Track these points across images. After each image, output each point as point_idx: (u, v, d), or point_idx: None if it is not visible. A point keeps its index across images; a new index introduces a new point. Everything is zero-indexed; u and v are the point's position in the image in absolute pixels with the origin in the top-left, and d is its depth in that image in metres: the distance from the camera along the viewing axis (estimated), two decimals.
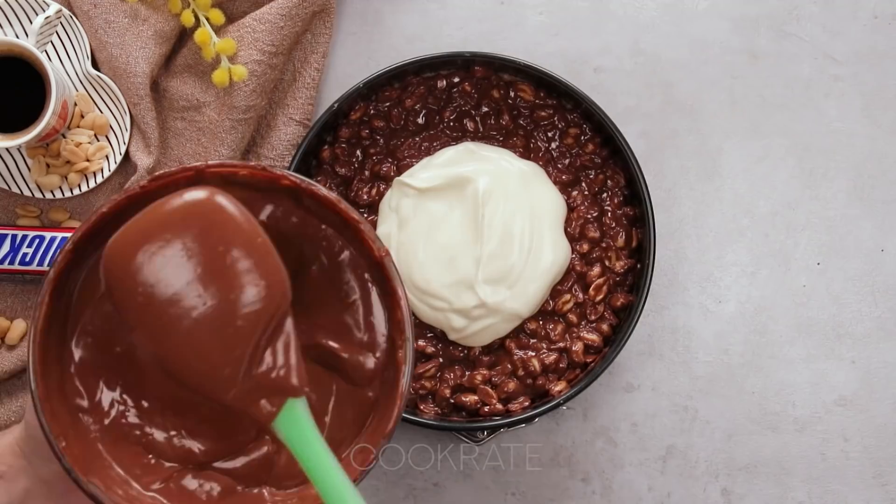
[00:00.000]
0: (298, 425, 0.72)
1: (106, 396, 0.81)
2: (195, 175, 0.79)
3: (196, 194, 0.72)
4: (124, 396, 0.81)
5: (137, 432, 0.81)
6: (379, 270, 0.82)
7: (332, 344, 0.83)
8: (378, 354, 0.83)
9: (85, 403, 0.80)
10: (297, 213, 0.83)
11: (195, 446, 0.82)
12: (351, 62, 1.07)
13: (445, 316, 0.97)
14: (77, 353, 0.80)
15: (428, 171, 0.98)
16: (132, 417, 0.81)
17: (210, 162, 0.79)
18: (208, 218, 0.72)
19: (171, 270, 0.70)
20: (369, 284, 0.84)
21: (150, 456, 0.81)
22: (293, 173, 0.80)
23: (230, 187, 0.79)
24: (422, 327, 1.00)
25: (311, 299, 0.84)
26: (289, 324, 0.74)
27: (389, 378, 0.82)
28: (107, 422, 0.81)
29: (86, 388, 0.80)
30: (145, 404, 0.81)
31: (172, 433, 0.82)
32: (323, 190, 0.81)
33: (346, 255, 0.84)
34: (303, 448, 0.71)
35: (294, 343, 0.74)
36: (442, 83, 1.01)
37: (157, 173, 0.78)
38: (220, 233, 0.72)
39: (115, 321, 0.80)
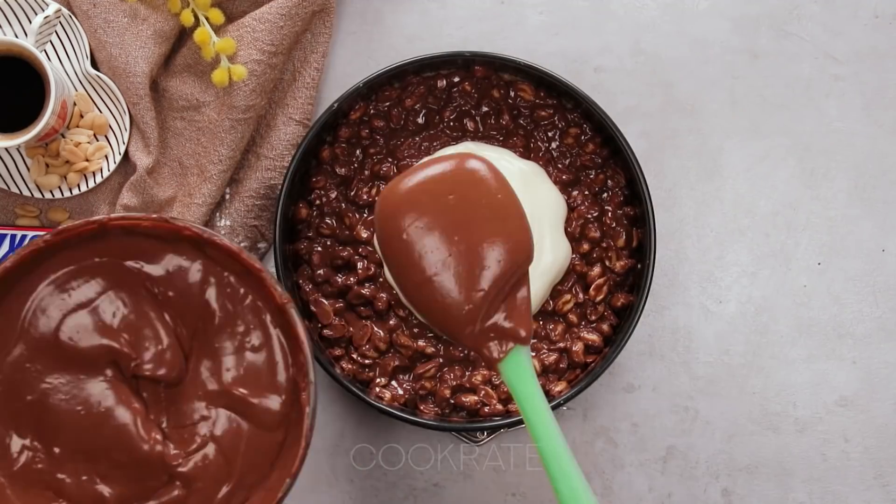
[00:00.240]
0: (520, 369, 0.81)
1: (16, 443, 0.85)
2: (98, 228, 0.86)
3: (471, 162, 0.83)
4: (35, 443, 0.85)
5: (48, 478, 0.85)
6: (282, 316, 0.86)
7: (241, 390, 0.87)
8: (284, 397, 0.87)
9: None
10: (200, 262, 0.87)
11: (106, 491, 0.86)
12: (351, 62, 1.06)
13: None
14: None
15: None
16: (43, 464, 0.86)
17: (112, 215, 0.86)
18: (476, 179, 0.82)
19: (434, 218, 0.81)
20: (273, 329, 0.88)
21: (62, 500, 0.85)
22: (195, 224, 0.85)
23: (133, 238, 0.86)
24: (422, 327, 1.00)
25: (219, 347, 0.88)
26: (525, 288, 0.83)
27: (294, 419, 0.86)
28: (16, 468, 0.85)
29: None
30: (57, 450, 0.86)
31: (84, 478, 0.86)
32: (224, 240, 0.86)
33: (249, 301, 0.88)
34: (522, 389, 0.81)
35: (527, 300, 0.83)
36: (442, 83, 1.01)
37: (60, 227, 0.85)
38: (483, 193, 0.82)
39: (26, 370, 0.85)
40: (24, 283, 0.86)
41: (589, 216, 1.00)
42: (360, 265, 1.00)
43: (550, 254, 0.97)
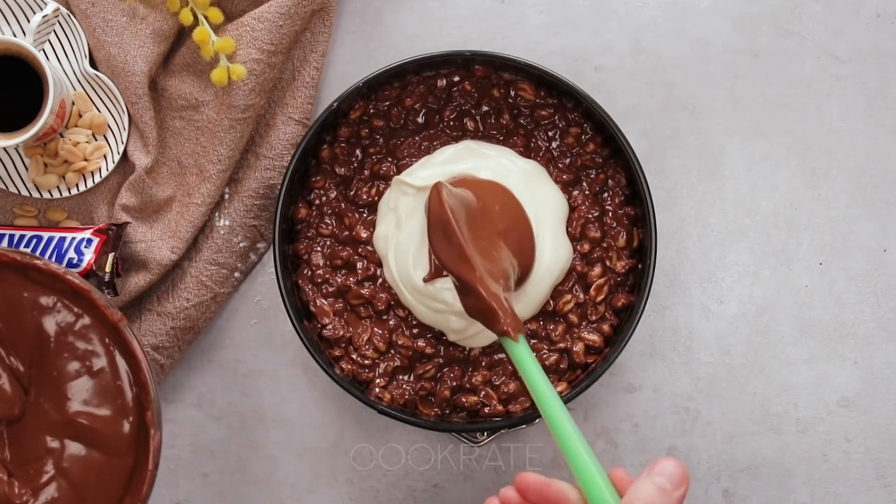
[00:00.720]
0: (517, 351, 0.85)
1: None
2: None
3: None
4: None
5: None
6: (117, 335, 0.84)
7: (85, 418, 0.84)
8: (131, 418, 0.84)
9: None
10: (27, 287, 0.84)
11: None
12: (350, 61, 1.06)
13: (444, 317, 0.96)
14: None
15: (427, 170, 0.98)
16: None
17: None
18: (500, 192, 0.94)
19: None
20: (111, 349, 0.85)
21: None
22: (12, 250, 0.82)
23: None
24: (421, 328, 0.99)
25: (58, 375, 0.85)
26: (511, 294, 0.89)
27: (142, 439, 0.84)
28: None
29: None
30: None
31: None
32: (48, 264, 0.83)
33: (83, 323, 0.85)
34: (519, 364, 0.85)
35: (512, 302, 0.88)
36: (442, 82, 1.01)
37: None
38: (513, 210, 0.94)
39: None
40: None
41: (589, 216, 1.00)
42: (359, 265, 0.99)
43: (552, 255, 0.96)
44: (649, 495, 0.70)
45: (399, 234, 0.97)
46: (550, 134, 1.01)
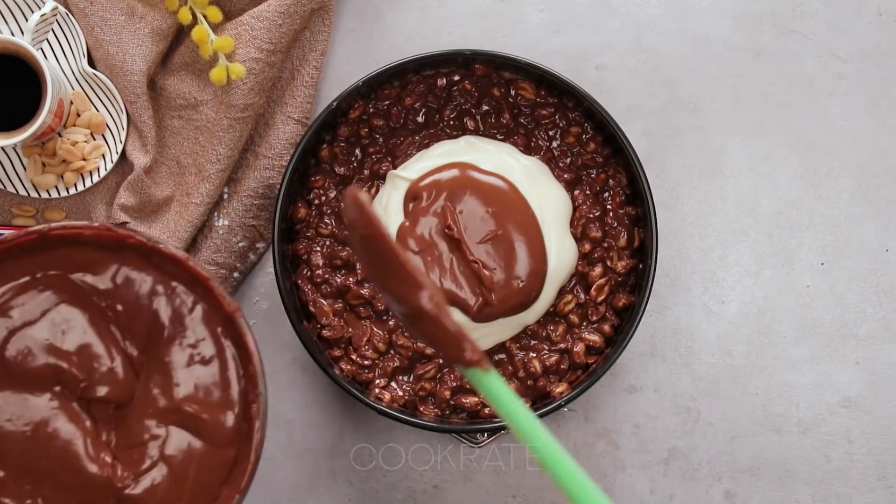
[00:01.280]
0: (489, 383, 0.73)
1: None
2: (38, 238, 0.83)
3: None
4: None
5: None
6: (231, 326, 0.84)
7: (192, 406, 0.85)
8: (237, 411, 0.85)
9: None
10: (147, 272, 0.85)
11: None
12: (350, 60, 1.06)
13: None
14: None
15: (423, 162, 0.97)
16: None
17: (53, 224, 0.83)
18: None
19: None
20: (223, 340, 0.86)
21: None
22: (140, 233, 0.82)
23: (77, 248, 0.84)
24: None
25: (169, 361, 0.86)
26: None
27: (245, 433, 0.84)
28: None
29: None
30: (1, 473, 0.83)
31: (28, 502, 0.84)
32: (171, 248, 0.83)
33: (198, 311, 0.86)
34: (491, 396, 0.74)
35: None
36: (442, 81, 1.00)
37: None
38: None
39: None
40: None
41: (590, 216, 1.00)
42: (359, 265, 0.99)
43: (558, 255, 0.96)
44: None
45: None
46: (551, 133, 1.01)
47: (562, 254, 0.96)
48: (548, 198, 0.97)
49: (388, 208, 0.96)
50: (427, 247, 0.95)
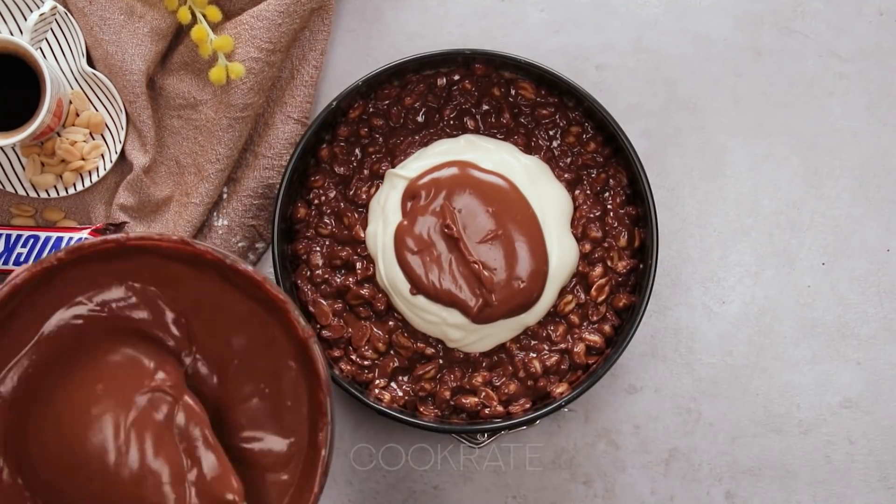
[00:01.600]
0: None
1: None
2: (115, 247, 0.81)
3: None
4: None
5: None
6: (303, 351, 0.82)
7: (252, 432, 0.83)
8: (294, 438, 0.83)
9: None
10: (224, 290, 0.83)
11: None
12: (350, 60, 1.06)
13: (440, 329, 0.96)
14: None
15: (421, 161, 0.97)
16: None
17: (131, 234, 0.81)
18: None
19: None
20: (292, 363, 0.84)
21: None
22: (217, 249, 0.81)
23: (153, 259, 0.82)
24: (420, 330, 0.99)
25: (237, 391, 0.84)
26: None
27: (309, 459, 0.82)
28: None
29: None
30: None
31: None
32: (248, 267, 0.81)
33: (270, 333, 0.84)
34: None
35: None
36: (442, 81, 1.00)
37: (74, 245, 0.80)
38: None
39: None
40: (35, 299, 0.82)
41: (591, 216, 0.99)
42: (358, 265, 0.99)
43: (559, 256, 0.96)
44: None
45: (385, 234, 0.96)
46: (551, 133, 1.01)
47: (563, 254, 0.96)
48: (548, 197, 0.97)
49: (387, 207, 0.96)
50: (426, 246, 0.94)
